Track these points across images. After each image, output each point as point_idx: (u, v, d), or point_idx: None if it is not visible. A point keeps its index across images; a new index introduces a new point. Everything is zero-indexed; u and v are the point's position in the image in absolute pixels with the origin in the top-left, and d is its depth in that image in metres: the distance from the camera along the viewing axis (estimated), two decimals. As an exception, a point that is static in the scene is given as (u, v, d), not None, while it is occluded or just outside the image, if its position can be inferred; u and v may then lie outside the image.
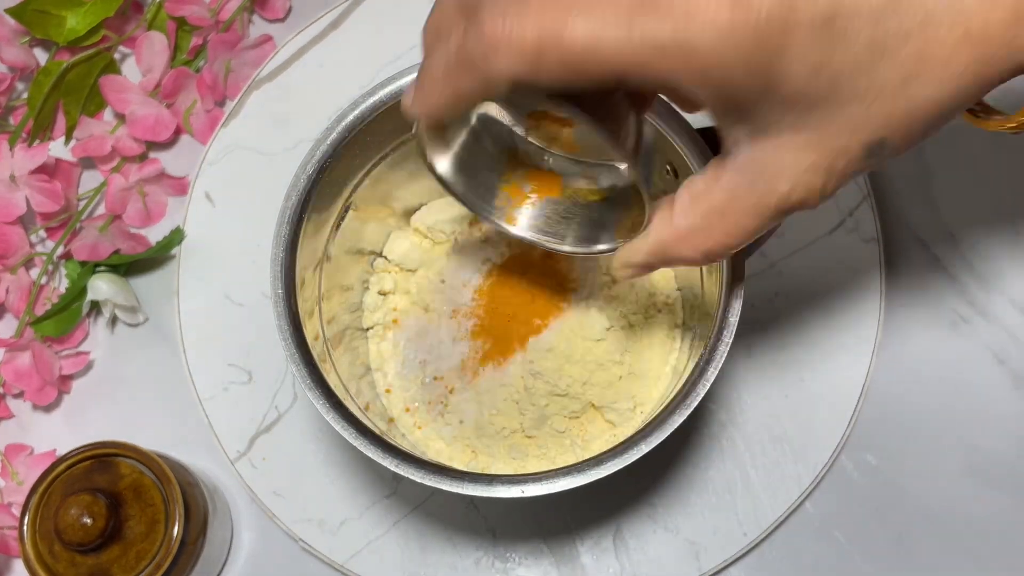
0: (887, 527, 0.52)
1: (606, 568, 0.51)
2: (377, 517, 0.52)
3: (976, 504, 0.52)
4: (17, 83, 0.59)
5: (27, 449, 0.54)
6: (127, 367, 0.56)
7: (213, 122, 0.58)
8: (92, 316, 0.56)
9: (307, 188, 0.43)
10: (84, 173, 0.58)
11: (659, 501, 0.51)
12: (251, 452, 0.53)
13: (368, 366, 0.51)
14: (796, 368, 0.53)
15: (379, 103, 0.43)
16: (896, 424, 0.53)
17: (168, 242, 0.55)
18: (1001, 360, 0.54)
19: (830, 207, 0.55)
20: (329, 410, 0.40)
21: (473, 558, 0.51)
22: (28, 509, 0.46)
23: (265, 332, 0.54)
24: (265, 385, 0.54)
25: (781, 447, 0.52)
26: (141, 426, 0.54)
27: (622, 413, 0.48)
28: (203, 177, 0.57)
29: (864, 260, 0.54)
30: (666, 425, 0.39)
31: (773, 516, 0.51)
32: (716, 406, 0.53)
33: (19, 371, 0.53)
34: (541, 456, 0.49)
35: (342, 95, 0.55)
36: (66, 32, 0.56)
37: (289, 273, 0.42)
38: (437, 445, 0.49)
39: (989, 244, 0.55)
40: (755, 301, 0.54)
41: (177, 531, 0.46)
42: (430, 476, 0.39)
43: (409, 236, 0.52)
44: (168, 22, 0.57)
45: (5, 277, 0.55)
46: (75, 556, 0.45)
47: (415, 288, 0.52)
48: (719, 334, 0.40)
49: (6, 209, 0.54)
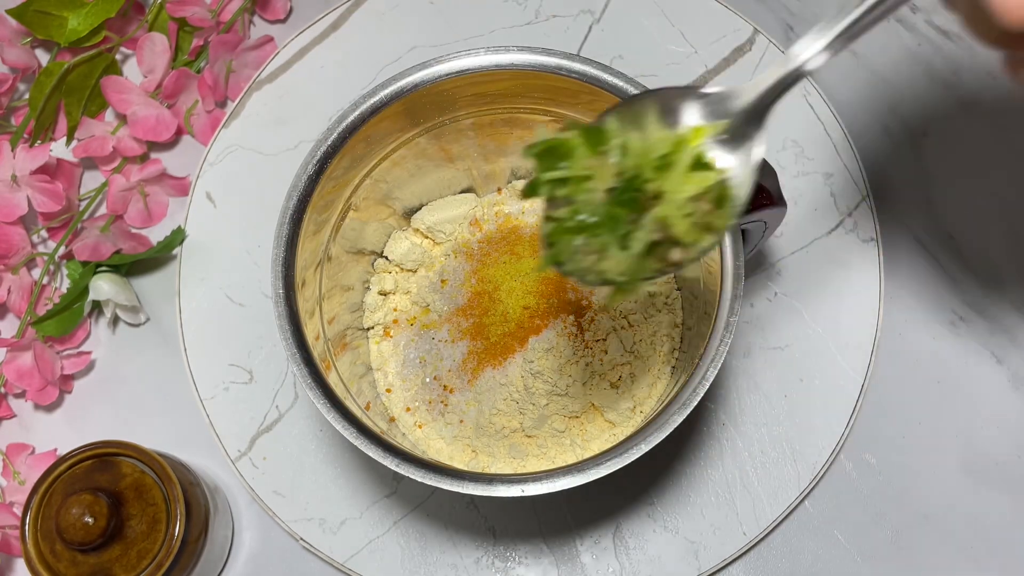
0: (886, 526, 0.52)
1: (606, 567, 0.51)
2: (377, 516, 0.52)
3: (975, 504, 0.52)
4: (19, 84, 0.59)
5: (29, 448, 0.54)
6: (128, 367, 0.56)
7: (214, 122, 0.58)
8: (93, 316, 0.56)
9: (307, 188, 0.43)
10: (85, 173, 0.59)
11: (659, 500, 0.52)
12: (252, 451, 0.53)
13: (369, 366, 0.51)
14: (796, 368, 0.53)
15: (379, 103, 0.43)
16: (895, 424, 0.53)
17: (169, 242, 0.55)
18: (1000, 360, 0.54)
19: (829, 207, 0.55)
20: (330, 410, 0.41)
21: (473, 557, 0.51)
22: (30, 508, 0.46)
23: (266, 332, 0.54)
24: (266, 385, 0.54)
25: (781, 447, 0.52)
26: (142, 425, 0.54)
27: (621, 413, 0.48)
28: (204, 177, 0.57)
29: (863, 260, 0.54)
30: (666, 425, 0.39)
31: (772, 515, 0.51)
32: (716, 406, 0.53)
33: (21, 371, 0.53)
34: (541, 456, 0.49)
35: (342, 95, 0.55)
36: (68, 33, 0.56)
37: (290, 273, 0.42)
38: (437, 444, 0.50)
39: (988, 244, 0.56)
40: (755, 301, 0.54)
41: (178, 530, 0.46)
42: (430, 475, 0.39)
43: (409, 236, 0.52)
44: (169, 23, 0.58)
45: (7, 277, 0.55)
46: (76, 555, 0.45)
47: (415, 288, 0.52)
48: (719, 334, 0.40)
49: (8, 209, 0.54)
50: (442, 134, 0.47)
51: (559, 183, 0.32)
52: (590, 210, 0.32)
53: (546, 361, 0.48)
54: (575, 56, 0.43)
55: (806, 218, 0.55)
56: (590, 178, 0.32)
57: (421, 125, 0.46)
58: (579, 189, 0.32)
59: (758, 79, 0.32)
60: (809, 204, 0.55)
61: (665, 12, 0.58)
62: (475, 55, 0.43)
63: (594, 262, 0.32)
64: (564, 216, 0.32)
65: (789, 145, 0.56)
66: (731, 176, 0.33)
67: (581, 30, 0.59)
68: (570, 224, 0.32)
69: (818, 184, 0.55)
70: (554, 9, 0.59)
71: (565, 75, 0.43)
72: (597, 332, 0.49)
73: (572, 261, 0.32)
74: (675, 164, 0.32)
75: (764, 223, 0.45)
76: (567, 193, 0.32)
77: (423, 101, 0.44)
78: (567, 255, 0.32)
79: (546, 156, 0.32)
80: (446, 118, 0.46)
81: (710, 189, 0.32)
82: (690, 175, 0.32)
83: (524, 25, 0.59)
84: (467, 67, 0.43)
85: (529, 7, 0.59)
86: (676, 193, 0.32)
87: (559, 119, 0.46)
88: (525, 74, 0.43)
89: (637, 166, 0.32)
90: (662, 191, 0.32)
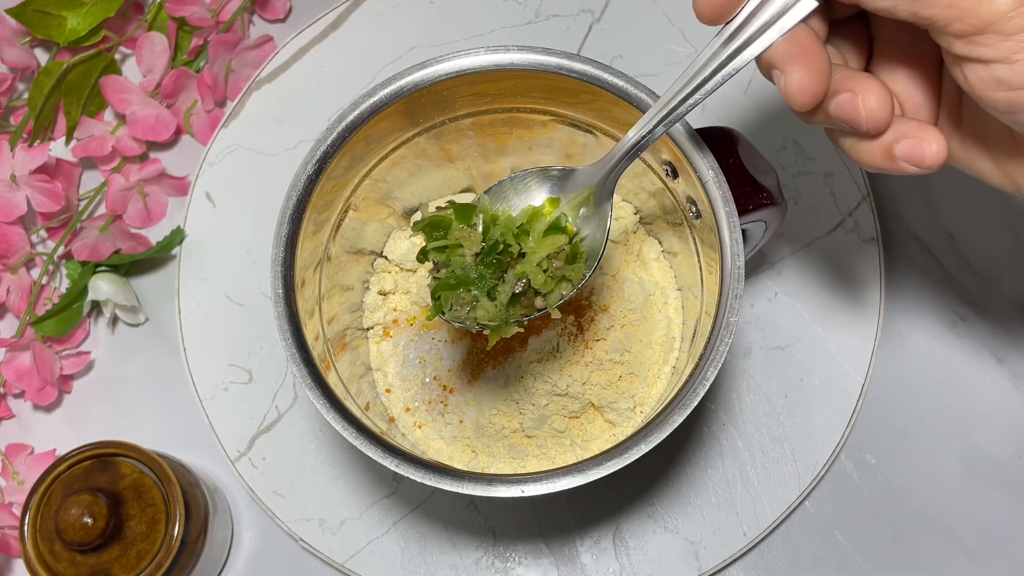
0: (886, 527, 0.52)
1: (606, 567, 0.51)
2: (377, 517, 0.52)
3: (975, 504, 0.52)
4: (18, 83, 0.59)
5: (28, 449, 0.54)
6: (128, 367, 0.56)
7: (213, 122, 0.58)
8: (93, 316, 0.56)
9: (307, 188, 0.43)
10: (85, 173, 0.59)
11: (659, 501, 0.52)
12: (251, 452, 0.53)
13: (368, 366, 0.51)
14: (796, 368, 0.53)
15: (379, 103, 0.43)
16: (896, 424, 0.53)
17: (168, 242, 0.55)
18: (1000, 360, 0.54)
19: (829, 207, 0.55)
20: (329, 410, 0.40)
21: (473, 558, 0.51)
22: (29, 509, 0.46)
23: (265, 332, 0.54)
24: (265, 385, 0.54)
25: (781, 447, 0.52)
26: (142, 426, 0.54)
27: (622, 413, 0.48)
28: (203, 177, 0.57)
29: (863, 260, 0.54)
30: (666, 425, 0.39)
31: (773, 516, 0.51)
32: (716, 406, 0.53)
33: (20, 371, 0.53)
34: (541, 456, 0.49)
35: (342, 95, 0.55)
36: (67, 32, 0.56)
37: (289, 273, 0.42)
38: (437, 445, 0.50)
39: (988, 244, 0.55)
40: (755, 301, 0.54)
41: (178, 531, 0.46)
42: (430, 476, 0.39)
43: (409, 236, 0.52)
44: (169, 22, 0.58)
45: (6, 277, 0.55)
46: (76, 556, 0.45)
47: (415, 288, 0.52)
48: (719, 334, 0.40)
49: (7, 209, 0.54)
50: (442, 134, 0.47)
51: (440, 250, 0.40)
52: (463, 271, 0.39)
53: (546, 361, 0.48)
54: (575, 56, 0.43)
55: (806, 218, 0.55)
56: (461, 246, 0.40)
57: (421, 125, 0.46)
58: (454, 254, 0.40)
59: (603, 160, 0.39)
60: (809, 204, 0.55)
61: (665, 12, 0.58)
62: (475, 55, 0.43)
63: (469, 311, 0.40)
64: (444, 276, 0.40)
65: (789, 145, 0.56)
66: (584, 237, 0.40)
67: (581, 30, 0.59)
68: (448, 281, 0.39)
69: (818, 184, 0.55)
70: (554, 9, 0.59)
71: (565, 75, 0.42)
72: (597, 332, 0.49)
73: (452, 311, 0.40)
74: (532, 231, 0.40)
75: (764, 223, 0.45)
76: (445, 258, 0.40)
77: (423, 101, 0.44)
78: (447, 306, 0.40)
79: (430, 229, 0.40)
80: (446, 118, 0.46)
81: (561, 249, 0.40)
82: (543, 239, 0.40)
83: (524, 25, 0.59)
84: (467, 67, 0.43)
85: (529, 7, 0.59)
86: (533, 253, 0.40)
87: (559, 119, 0.46)
88: (525, 74, 0.43)
89: (503, 233, 0.40)
90: (523, 252, 0.40)
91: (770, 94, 0.57)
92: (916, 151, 0.33)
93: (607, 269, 0.51)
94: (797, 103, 0.33)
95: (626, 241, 0.51)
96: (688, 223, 0.45)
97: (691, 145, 0.41)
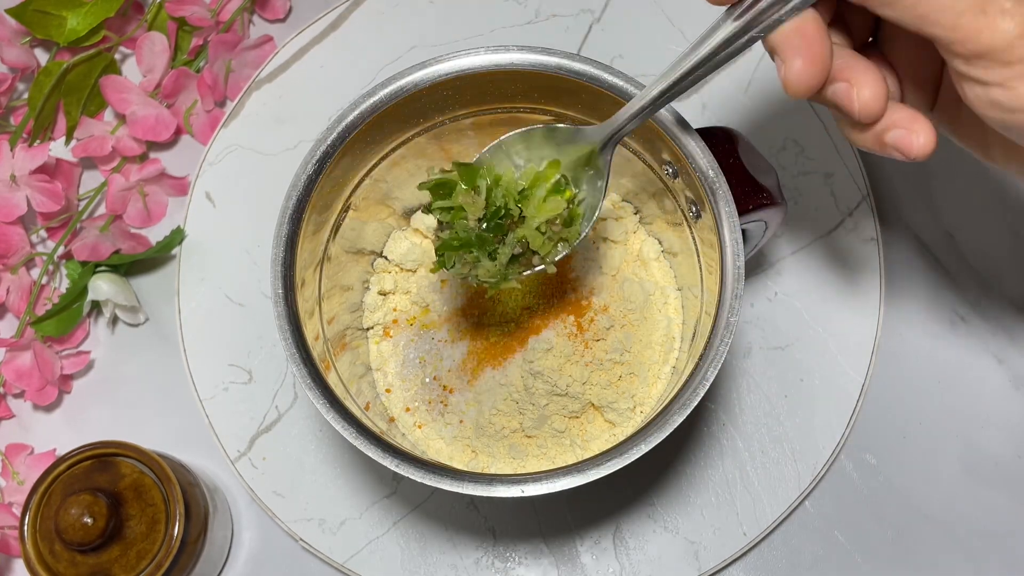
0: (886, 527, 0.52)
1: (606, 568, 0.51)
2: (377, 517, 0.52)
3: (975, 504, 0.52)
4: (18, 83, 0.59)
5: (28, 449, 0.54)
6: (128, 367, 0.56)
7: (213, 122, 0.58)
8: (93, 316, 0.56)
9: (307, 188, 0.43)
10: (85, 173, 0.59)
11: (659, 501, 0.52)
12: (251, 452, 0.53)
13: (368, 366, 0.51)
14: (796, 368, 0.53)
15: (379, 103, 0.43)
16: (895, 424, 0.53)
17: (168, 242, 0.55)
18: (1001, 360, 0.54)
19: (829, 207, 0.55)
20: (329, 410, 0.40)
21: (473, 558, 0.51)
22: (29, 509, 0.46)
23: (265, 332, 0.54)
24: (265, 385, 0.54)
25: (781, 447, 0.52)
26: (141, 426, 0.54)
27: (622, 413, 0.48)
28: (203, 177, 0.57)
29: (863, 260, 0.54)
30: (666, 425, 0.39)
31: (773, 515, 0.51)
32: (716, 406, 0.53)
33: (20, 371, 0.53)
34: (541, 456, 0.49)
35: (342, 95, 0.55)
36: (67, 32, 0.56)
37: (289, 273, 0.42)
38: (437, 445, 0.50)
39: (988, 244, 0.55)
40: (755, 301, 0.54)
41: (178, 531, 0.46)
42: (430, 476, 0.39)
43: (409, 236, 0.52)
44: (168, 22, 0.58)
45: (6, 277, 0.55)
46: (76, 556, 0.45)
47: (415, 288, 0.52)
48: (719, 334, 0.40)
49: (7, 209, 0.54)
50: (442, 134, 0.47)
51: (446, 211, 0.41)
52: (466, 233, 0.41)
53: (546, 361, 0.48)
54: (575, 56, 0.43)
55: (806, 218, 0.55)
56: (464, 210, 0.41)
57: (421, 125, 0.46)
58: (457, 216, 0.41)
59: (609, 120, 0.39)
60: (809, 204, 0.55)
61: (665, 12, 0.58)
62: (475, 55, 0.43)
63: (471, 269, 0.42)
64: (448, 237, 0.41)
65: (789, 145, 0.56)
66: (581, 200, 0.42)
67: (581, 30, 0.59)
68: (452, 243, 0.41)
69: (818, 184, 0.55)
70: (554, 8, 0.59)
71: (565, 75, 0.43)
72: (597, 332, 0.49)
73: (455, 268, 0.42)
74: (532, 196, 0.41)
75: (764, 223, 0.45)
76: (450, 219, 0.41)
77: (423, 101, 0.44)
78: (450, 263, 0.42)
79: (436, 189, 0.41)
80: (446, 118, 0.46)
81: (561, 213, 0.41)
82: (543, 205, 0.41)
83: (524, 24, 0.59)
84: (467, 67, 0.43)
85: (529, 6, 0.59)
86: (533, 218, 0.41)
87: (559, 118, 0.46)
88: (525, 74, 0.43)
89: (504, 197, 0.41)
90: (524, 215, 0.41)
91: (770, 94, 0.57)
92: (905, 141, 0.34)
93: (607, 269, 0.51)
94: (794, 93, 0.34)
95: (626, 241, 0.51)
96: (688, 223, 0.45)
97: (691, 145, 0.41)
